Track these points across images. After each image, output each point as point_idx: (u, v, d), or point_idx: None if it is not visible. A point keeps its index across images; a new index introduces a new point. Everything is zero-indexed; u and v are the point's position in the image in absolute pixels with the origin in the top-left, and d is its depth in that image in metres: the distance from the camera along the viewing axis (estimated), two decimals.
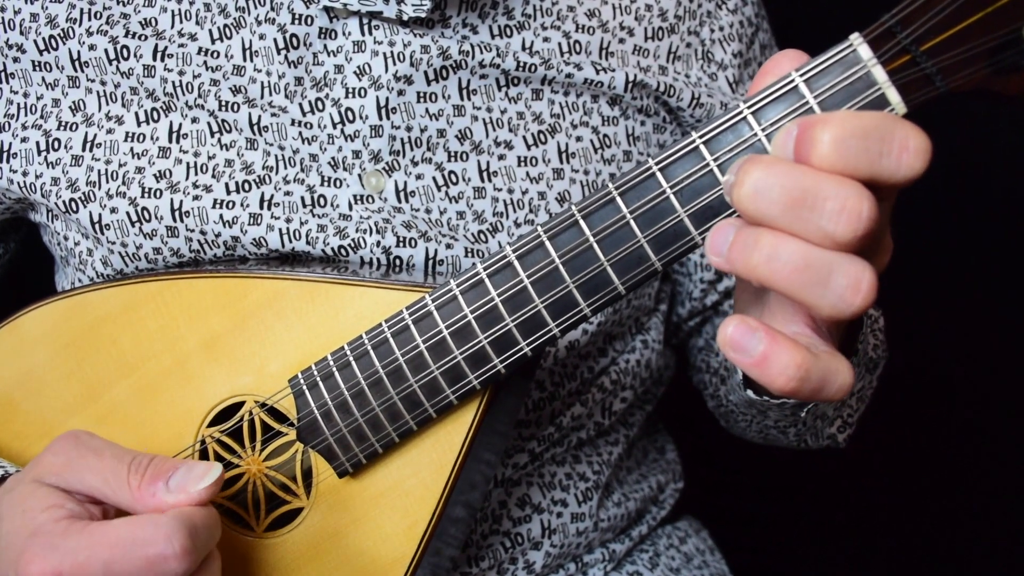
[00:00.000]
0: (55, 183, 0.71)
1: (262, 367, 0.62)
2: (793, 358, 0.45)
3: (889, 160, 0.43)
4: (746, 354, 0.45)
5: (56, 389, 0.66)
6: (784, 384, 0.45)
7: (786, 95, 0.48)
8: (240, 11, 0.72)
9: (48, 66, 0.72)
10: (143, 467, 0.56)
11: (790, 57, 0.49)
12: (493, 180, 0.73)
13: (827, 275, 0.44)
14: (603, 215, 0.52)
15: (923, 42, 0.45)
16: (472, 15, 0.73)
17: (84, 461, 0.56)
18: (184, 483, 0.56)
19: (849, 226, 0.43)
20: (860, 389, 0.77)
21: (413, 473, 0.61)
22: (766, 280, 0.45)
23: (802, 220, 0.43)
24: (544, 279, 0.54)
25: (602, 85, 0.75)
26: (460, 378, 0.57)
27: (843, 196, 0.43)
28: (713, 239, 0.47)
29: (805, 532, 1.43)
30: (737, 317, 0.46)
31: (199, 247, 0.70)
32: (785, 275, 0.44)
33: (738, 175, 0.45)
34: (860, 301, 0.44)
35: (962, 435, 1.35)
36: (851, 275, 0.43)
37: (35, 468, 0.57)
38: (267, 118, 0.71)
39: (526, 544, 0.79)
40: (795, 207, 0.43)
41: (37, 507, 0.55)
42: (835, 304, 0.44)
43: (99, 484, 0.56)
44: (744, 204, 0.44)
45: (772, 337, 0.45)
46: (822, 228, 0.43)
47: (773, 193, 0.43)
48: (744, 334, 0.45)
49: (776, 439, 0.83)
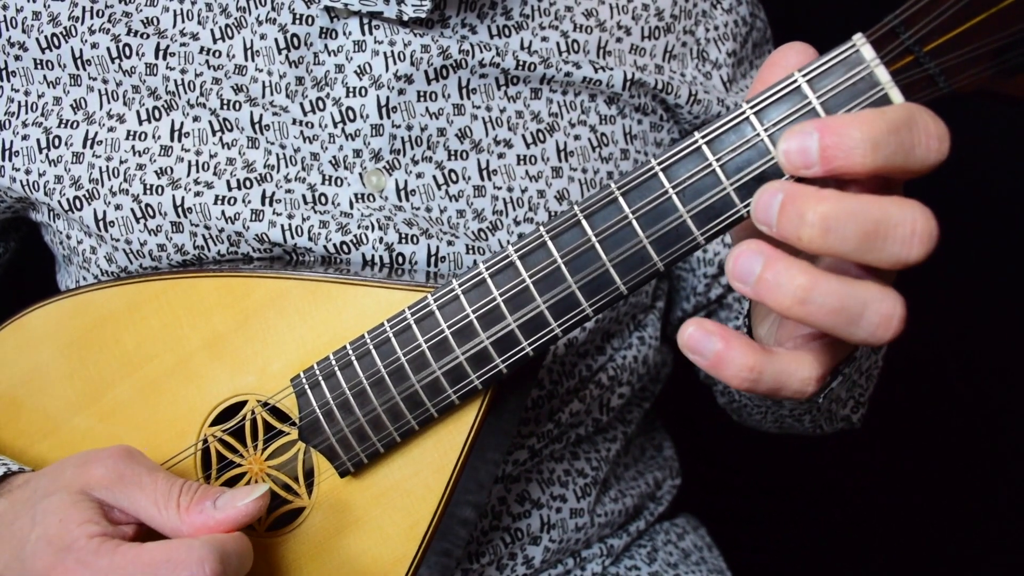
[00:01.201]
0: (58, 181, 0.71)
1: (264, 366, 0.62)
2: (746, 361, 0.46)
3: (921, 150, 0.43)
4: (702, 356, 0.46)
5: (59, 388, 0.66)
6: (739, 384, 0.46)
7: (789, 95, 0.47)
8: (241, 11, 0.72)
9: (50, 64, 0.72)
10: (193, 489, 0.57)
11: (797, 50, 0.49)
12: (493, 179, 0.74)
13: (860, 314, 0.44)
14: (605, 215, 0.52)
15: (926, 43, 0.45)
16: (471, 15, 0.73)
17: (137, 479, 0.57)
18: (231, 499, 0.56)
19: (923, 248, 0.43)
20: (868, 368, 0.77)
21: (414, 473, 0.61)
22: (798, 319, 0.45)
23: (876, 251, 0.43)
24: (546, 279, 0.54)
25: (600, 84, 0.75)
26: (462, 378, 0.57)
27: (911, 219, 0.42)
28: (737, 267, 0.45)
29: (804, 530, 1.43)
30: (695, 320, 0.47)
31: (203, 242, 0.70)
32: (820, 317, 0.44)
33: (804, 215, 0.43)
34: (890, 336, 0.44)
35: (961, 433, 1.35)
36: (883, 312, 0.44)
37: (82, 478, 0.57)
38: (268, 117, 0.71)
39: (525, 539, 0.80)
40: (869, 239, 0.43)
41: (75, 519, 0.54)
42: (865, 339, 0.45)
43: (147, 504, 0.56)
44: (816, 244, 0.43)
45: (727, 340, 0.46)
46: (895, 255, 0.43)
47: (847, 230, 0.43)
48: (701, 337, 0.46)
49: (792, 427, 0.83)
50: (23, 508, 0.58)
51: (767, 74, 0.49)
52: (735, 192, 0.49)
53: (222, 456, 0.64)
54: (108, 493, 0.56)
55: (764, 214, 0.45)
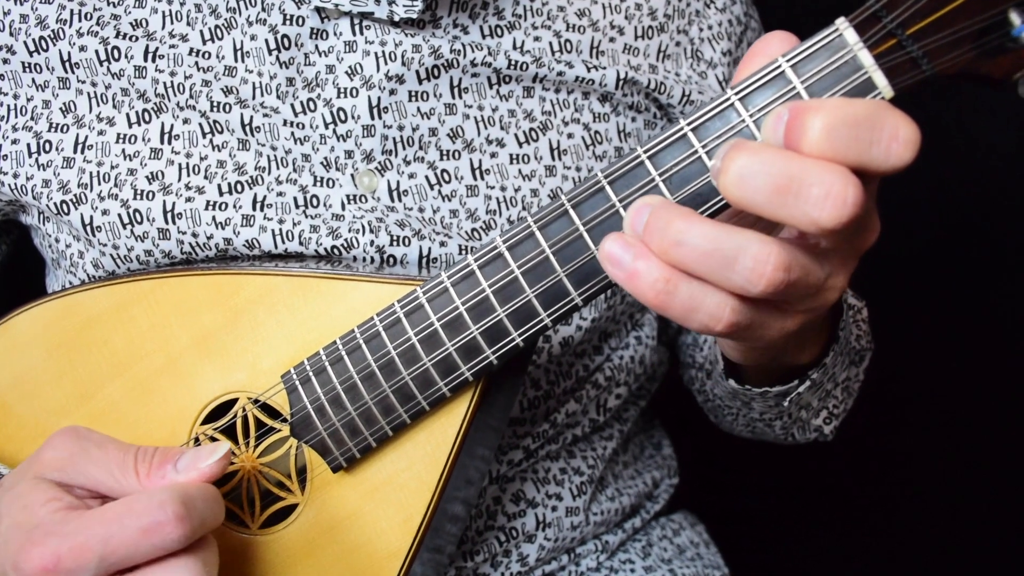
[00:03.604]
0: (46, 185, 0.71)
1: (255, 363, 0.62)
2: (662, 272, 0.46)
3: (879, 149, 0.43)
4: (619, 267, 0.47)
5: (49, 390, 0.66)
6: (654, 298, 0.46)
7: (773, 80, 0.48)
8: (231, 12, 0.72)
9: (38, 67, 0.72)
10: (149, 455, 0.56)
11: (779, 38, 0.49)
12: (486, 178, 0.74)
13: (734, 257, 0.44)
14: (593, 204, 0.52)
15: (908, 26, 0.46)
16: (463, 15, 0.74)
17: (87, 454, 0.56)
18: (193, 461, 0.56)
19: (834, 212, 0.43)
20: (845, 380, 0.77)
21: (407, 467, 0.61)
22: (675, 262, 0.45)
23: (787, 207, 0.43)
24: (534, 269, 0.54)
25: (593, 83, 0.75)
26: (452, 370, 0.57)
27: (828, 182, 0.42)
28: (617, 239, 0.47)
29: (803, 528, 1.43)
30: (615, 234, 0.47)
31: (191, 249, 0.70)
32: (694, 259, 0.45)
33: (723, 161, 0.44)
34: (764, 283, 0.44)
35: (959, 432, 1.35)
36: (757, 256, 0.44)
37: (35, 464, 0.57)
38: (259, 119, 0.71)
39: (520, 538, 0.79)
40: (780, 193, 0.43)
41: (37, 502, 0.54)
42: (743, 285, 0.45)
43: (103, 476, 0.56)
44: (729, 191, 0.44)
45: (644, 252, 0.46)
46: (807, 214, 0.43)
47: (759, 180, 0.43)
48: (621, 248, 0.47)
49: (763, 433, 0.83)
50: None
51: (750, 63, 0.50)
52: None
53: None
54: (62, 474, 0.56)
55: (713, 168, 0.46)
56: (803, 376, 0.67)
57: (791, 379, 0.68)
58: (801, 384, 0.67)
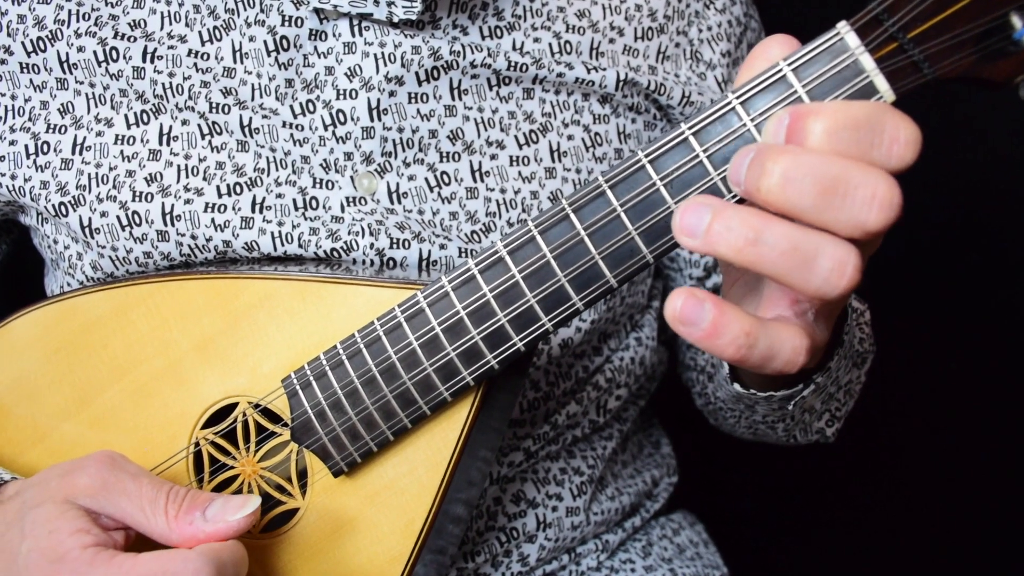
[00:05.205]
0: (44, 186, 0.71)
1: (255, 368, 0.62)
2: (742, 326, 0.45)
3: (880, 151, 0.43)
4: (696, 327, 0.45)
5: (48, 394, 0.66)
6: (734, 353, 0.45)
7: (774, 84, 0.48)
8: (230, 13, 0.72)
9: (36, 68, 0.72)
10: (180, 496, 0.56)
11: (779, 42, 0.49)
12: (485, 180, 0.73)
13: (813, 258, 0.43)
14: (594, 208, 0.52)
15: (910, 29, 0.46)
16: (462, 16, 0.73)
17: (121, 485, 0.56)
18: (221, 512, 0.55)
19: (881, 214, 0.42)
20: (848, 383, 0.77)
21: (408, 471, 0.61)
22: (750, 262, 0.44)
23: (833, 209, 0.43)
24: (535, 274, 0.53)
25: (593, 84, 0.75)
26: (453, 375, 0.57)
27: (872, 183, 0.42)
28: (684, 219, 0.45)
29: (802, 527, 1.43)
30: (685, 290, 0.45)
31: (190, 251, 0.70)
32: (773, 258, 0.44)
33: (765, 165, 0.43)
34: (845, 283, 0.44)
35: (959, 432, 1.35)
36: (837, 257, 0.43)
37: (66, 487, 0.56)
38: (258, 120, 0.71)
39: (521, 538, 0.79)
40: (827, 195, 0.42)
41: (65, 530, 0.54)
42: (820, 287, 0.44)
43: (134, 511, 0.55)
44: (774, 195, 0.43)
45: (720, 307, 0.45)
46: (855, 217, 0.42)
47: (806, 183, 0.43)
48: (693, 307, 0.45)
49: (765, 435, 0.83)
50: (13, 519, 0.57)
51: (750, 66, 0.49)
52: (723, 182, 0.49)
53: (214, 459, 0.64)
54: (94, 501, 0.56)
55: (736, 172, 0.45)
56: (807, 380, 0.67)
57: (795, 383, 0.68)
58: (806, 388, 0.67)
